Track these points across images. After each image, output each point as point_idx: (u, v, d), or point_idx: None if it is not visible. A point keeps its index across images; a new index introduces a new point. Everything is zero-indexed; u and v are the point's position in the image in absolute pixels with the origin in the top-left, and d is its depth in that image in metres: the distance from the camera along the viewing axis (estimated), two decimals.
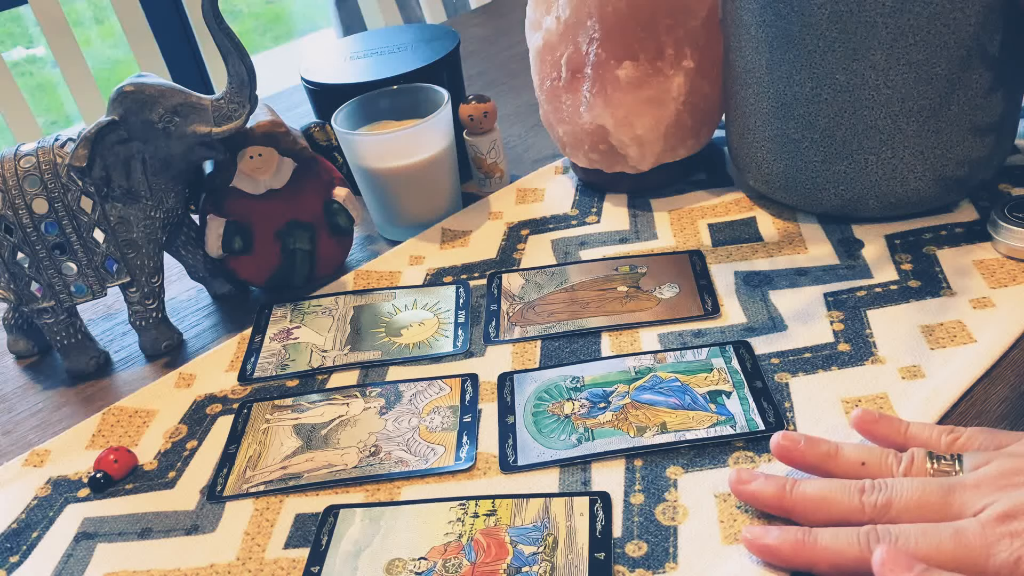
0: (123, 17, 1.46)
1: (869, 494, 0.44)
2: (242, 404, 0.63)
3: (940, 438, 0.47)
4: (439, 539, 0.50)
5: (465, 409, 0.58)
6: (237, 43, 0.64)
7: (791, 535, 0.44)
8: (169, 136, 0.64)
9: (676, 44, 0.71)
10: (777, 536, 0.44)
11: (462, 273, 0.72)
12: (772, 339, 0.59)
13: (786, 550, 0.44)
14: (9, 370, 0.72)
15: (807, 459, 0.48)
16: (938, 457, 0.45)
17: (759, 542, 0.45)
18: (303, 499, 0.54)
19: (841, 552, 0.42)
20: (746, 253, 0.68)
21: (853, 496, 0.45)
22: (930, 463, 0.45)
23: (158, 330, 0.69)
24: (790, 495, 0.46)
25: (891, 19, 0.59)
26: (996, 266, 0.62)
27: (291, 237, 0.72)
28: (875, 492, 0.44)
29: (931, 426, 0.48)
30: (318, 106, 0.85)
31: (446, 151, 0.76)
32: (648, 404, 0.56)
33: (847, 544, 0.43)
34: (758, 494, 0.47)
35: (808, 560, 0.43)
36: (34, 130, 1.36)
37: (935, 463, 0.45)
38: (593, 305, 0.65)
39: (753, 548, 0.45)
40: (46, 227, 0.64)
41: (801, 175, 0.67)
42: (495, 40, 1.21)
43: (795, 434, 0.49)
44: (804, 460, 0.48)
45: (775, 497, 0.46)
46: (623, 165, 0.75)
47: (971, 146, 0.64)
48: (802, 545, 0.43)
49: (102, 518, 0.56)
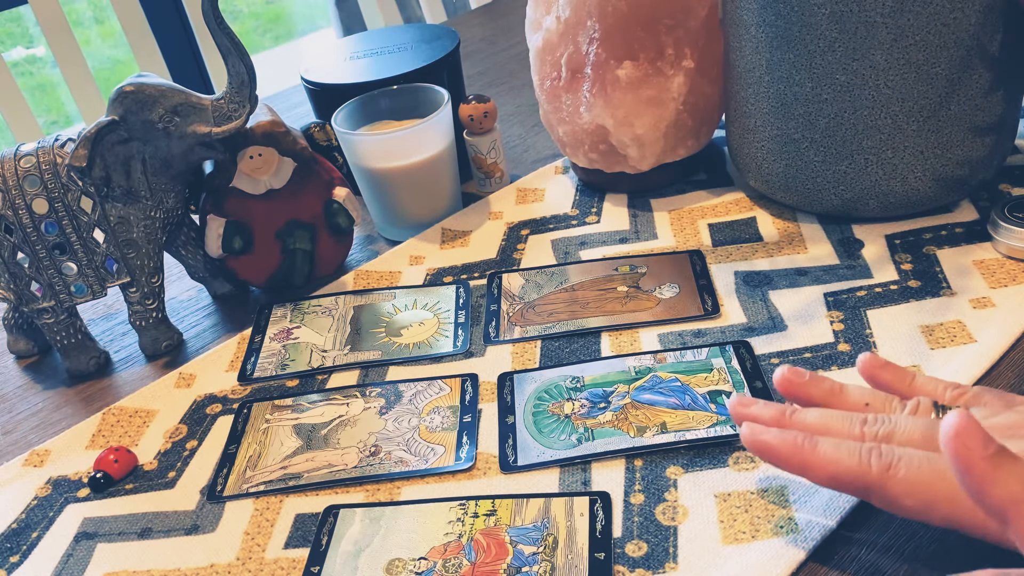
0: (123, 17, 1.46)
1: (871, 425, 0.43)
2: (242, 404, 0.63)
3: (946, 391, 0.46)
4: (439, 539, 0.50)
5: (465, 409, 0.58)
6: (237, 43, 0.64)
7: (790, 436, 0.43)
8: (169, 136, 0.64)
9: (676, 44, 0.71)
10: (776, 435, 0.43)
11: (462, 273, 0.72)
12: (772, 339, 0.59)
13: (783, 450, 0.43)
14: (9, 370, 0.72)
15: (811, 394, 0.47)
16: (944, 407, 0.44)
17: (757, 439, 0.43)
18: (303, 499, 0.54)
19: (839, 462, 0.41)
20: (746, 253, 0.68)
21: (854, 425, 0.44)
22: (936, 412, 0.44)
23: (158, 330, 0.69)
24: (789, 419, 0.45)
25: (891, 19, 0.59)
26: (996, 266, 0.62)
27: (291, 237, 0.72)
28: (877, 424, 0.43)
29: (937, 380, 0.47)
30: (318, 106, 0.85)
31: (446, 151, 0.76)
32: (648, 404, 0.56)
33: (847, 454, 0.41)
34: (758, 416, 0.46)
35: (803, 464, 0.42)
36: (34, 130, 1.36)
37: (941, 412, 0.44)
38: (593, 305, 0.65)
39: (751, 444, 0.44)
40: (46, 227, 0.64)
41: (801, 175, 0.67)
42: (495, 40, 1.21)
43: (801, 369, 0.48)
44: (808, 394, 0.47)
45: (774, 420, 0.45)
46: (623, 165, 0.75)
47: (971, 146, 0.64)
48: (800, 449, 0.42)
49: (102, 518, 0.56)
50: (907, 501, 0.40)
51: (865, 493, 0.41)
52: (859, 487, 0.41)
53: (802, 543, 0.46)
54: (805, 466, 0.42)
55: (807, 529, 0.46)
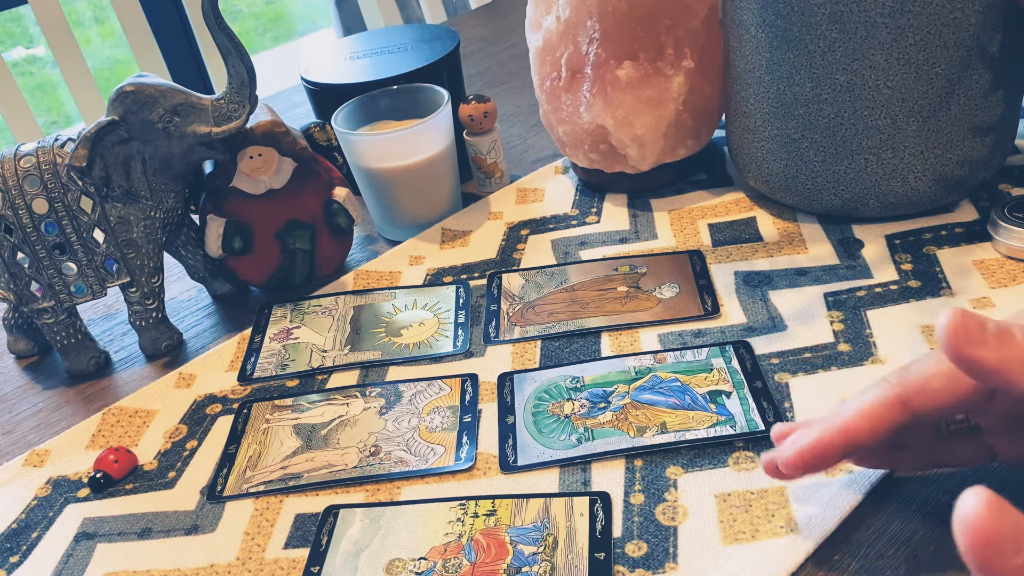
0: (123, 17, 1.46)
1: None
2: (242, 404, 0.63)
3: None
4: (439, 539, 0.50)
5: (465, 409, 0.58)
6: (237, 43, 0.64)
7: (812, 427, 0.43)
8: (169, 136, 0.64)
9: (676, 44, 0.71)
10: (797, 436, 0.43)
11: (462, 273, 0.72)
12: (772, 339, 0.59)
13: (813, 444, 0.42)
14: (9, 370, 0.72)
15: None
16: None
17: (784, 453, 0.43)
18: (303, 499, 0.54)
19: (864, 403, 0.41)
20: (746, 253, 0.68)
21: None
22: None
23: (158, 330, 0.69)
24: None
25: (891, 19, 0.59)
26: (996, 266, 0.62)
27: (291, 237, 0.73)
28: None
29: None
30: (318, 106, 0.85)
31: (446, 151, 0.76)
32: (648, 404, 0.56)
33: (867, 395, 0.42)
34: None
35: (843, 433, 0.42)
36: (34, 130, 1.36)
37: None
38: (593, 305, 0.65)
39: (785, 463, 0.43)
40: (46, 227, 0.64)
41: (801, 175, 0.67)
42: (495, 40, 1.21)
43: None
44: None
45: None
46: (623, 165, 0.75)
47: (971, 146, 0.64)
48: (829, 425, 0.42)
49: (102, 518, 0.56)
50: (932, 399, 0.41)
51: (903, 414, 0.41)
52: (895, 411, 0.41)
53: (802, 543, 0.46)
54: (846, 435, 0.42)
55: (807, 529, 0.46)
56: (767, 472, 0.45)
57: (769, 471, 0.45)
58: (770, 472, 0.45)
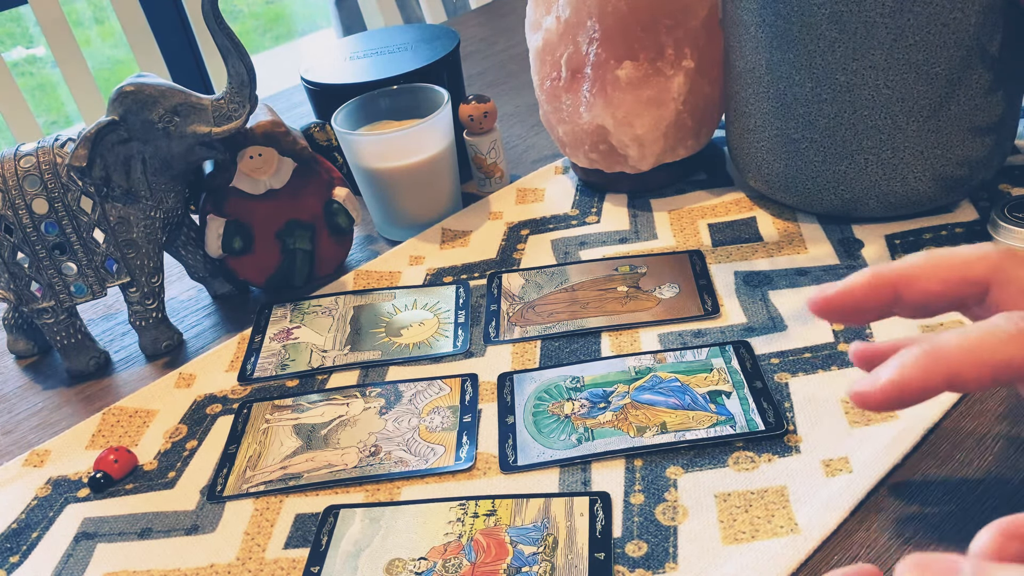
0: (123, 17, 1.46)
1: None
2: (242, 404, 0.63)
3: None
4: (439, 539, 0.50)
5: (465, 409, 0.58)
6: (237, 43, 0.64)
7: (913, 351, 0.35)
8: (169, 136, 0.64)
9: (676, 44, 0.71)
10: (898, 359, 0.35)
11: (462, 273, 0.72)
12: (772, 339, 0.59)
13: (914, 370, 0.35)
14: (9, 370, 0.72)
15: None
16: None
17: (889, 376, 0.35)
18: (303, 499, 0.54)
19: (981, 338, 0.34)
20: (746, 253, 0.68)
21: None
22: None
23: (158, 330, 0.69)
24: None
25: (891, 19, 0.59)
26: None
27: (291, 237, 0.73)
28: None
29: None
30: (318, 106, 0.85)
31: (446, 151, 0.76)
32: (648, 404, 0.56)
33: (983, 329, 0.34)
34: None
35: (946, 368, 0.34)
36: (34, 130, 1.36)
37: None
38: (593, 305, 0.65)
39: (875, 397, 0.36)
40: (46, 227, 0.64)
41: (801, 175, 0.67)
42: (495, 40, 1.21)
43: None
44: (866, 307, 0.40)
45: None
46: (623, 165, 0.75)
47: (971, 146, 0.64)
48: (933, 353, 0.34)
49: (102, 518, 0.56)
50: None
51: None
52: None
53: (802, 543, 0.46)
54: (949, 371, 0.35)
55: (807, 529, 0.46)
56: (855, 401, 0.37)
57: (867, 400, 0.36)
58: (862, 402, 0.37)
